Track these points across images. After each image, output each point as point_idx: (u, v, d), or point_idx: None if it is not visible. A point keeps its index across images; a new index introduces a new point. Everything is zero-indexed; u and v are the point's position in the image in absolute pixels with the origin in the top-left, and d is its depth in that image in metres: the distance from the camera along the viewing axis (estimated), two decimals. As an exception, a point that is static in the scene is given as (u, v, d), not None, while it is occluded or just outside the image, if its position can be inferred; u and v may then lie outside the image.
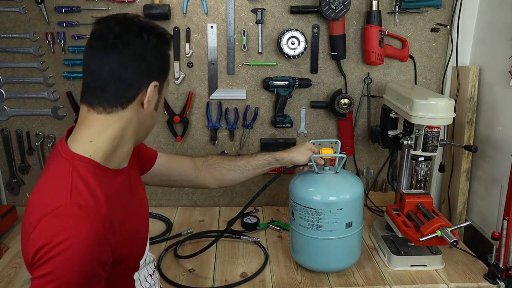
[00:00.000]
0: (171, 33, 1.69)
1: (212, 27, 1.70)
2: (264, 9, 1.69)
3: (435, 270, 1.41)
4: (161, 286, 1.19)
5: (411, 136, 1.44)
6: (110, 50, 0.85)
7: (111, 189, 0.87)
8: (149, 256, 1.06)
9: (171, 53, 0.96)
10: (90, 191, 0.81)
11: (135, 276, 0.98)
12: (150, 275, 1.06)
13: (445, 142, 1.45)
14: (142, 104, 0.89)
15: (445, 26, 1.73)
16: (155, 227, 1.70)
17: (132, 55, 0.86)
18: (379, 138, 1.67)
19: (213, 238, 1.46)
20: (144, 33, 0.87)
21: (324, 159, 1.35)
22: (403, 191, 1.47)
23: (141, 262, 0.98)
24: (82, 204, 0.79)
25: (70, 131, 0.92)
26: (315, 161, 1.33)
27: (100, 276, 0.79)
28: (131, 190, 0.98)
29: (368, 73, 1.79)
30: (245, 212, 1.52)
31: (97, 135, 0.87)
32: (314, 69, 1.76)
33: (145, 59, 0.87)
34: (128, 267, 0.94)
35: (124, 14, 0.90)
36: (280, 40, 1.67)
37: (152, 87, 0.89)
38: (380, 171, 1.91)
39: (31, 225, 0.77)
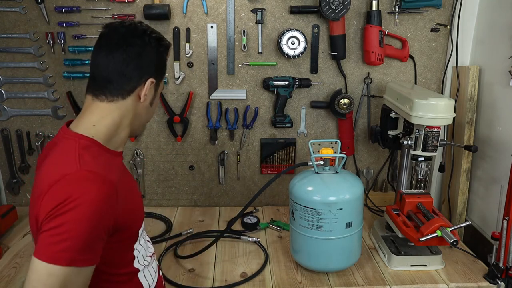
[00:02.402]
0: (171, 33, 1.70)
1: (212, 27, 1.70)
2: (264, 9, 1.69)
3: (435, 270, 1.41)
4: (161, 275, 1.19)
5: (411, 136, 1.44)
6: (115, 48, 0.97)
7: (112, 165, 0.97)
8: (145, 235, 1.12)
9: (167, 58, 1.09)
10: (96, 162, 0.91)
11: (135, 252, 1.04)
12: (150, 256, 1.11)
13: (445, 142, 1.45)
14: (139, 97, 1.01)
15: (445, 26, 1.73)
16: (156, 227, 1.70)
17: (134, 53, 0.98)
18: (379, 138, 1.67)
19: (213, 238, 1.46)
20: (146, 36, 1.00)
21: (324, 159, 1.35)
22: (403, 191, 1.47)
23: (140, 231, 1.06)
24: (90, 170, 0.88)
25: (68, 123, 1.01)
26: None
27: (101, 238, 0.87)
28: (126, 170, 1.08)
29: (368, 73, 1.79)
30: (245, 212, 1.52)
31: (99, 120, 0.97)
32: (314, 69, 1.76)
33: (145, 58, 0.99)
34: (128, 235, 1.01)
35: (130, 21, 1.04)
36: (280, 40, 1.67)
37: (149, 83, 1.00)
38: (380, 171, 1.91)
39: (43, 191, 0.85)
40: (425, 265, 1.41)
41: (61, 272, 0.81)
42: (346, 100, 1.73)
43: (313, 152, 1.36)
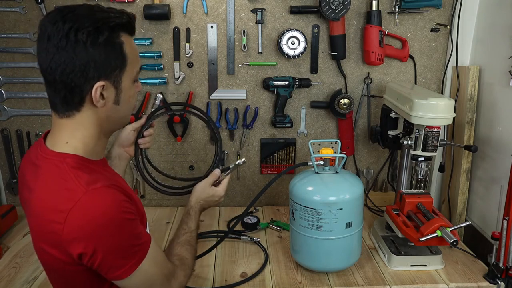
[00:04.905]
0: (171, 33, 1.70)
1: (212, 27, 1.70)
2: (264, 9, 1.69)
3: (435, 270, 1.41)
4: None
5: (411, 136, 1.44)
6: (45, 55, 0.85)
7: (106, 174, 0.93)
8: None
9: (124, 38, 0.88)
10: (92, 177, 0.86)
11: None
12: None
13: (445, 142, 1.45)
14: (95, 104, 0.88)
15: (445, 26, 1.73)
16: (155, 227, 1.70)
17: (63, 59, 0.83)
18: (379, 138, 1.67)
19: (213, 238, 1.46)
20: (72, 34, 0.82)
21: (324, 159, 1.35)
22: (403, 191, 1.47)
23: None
24: (96, 187, 0.84)
25: (45, 136, 0.96)
26: None
27: (134, 220, 0.89)
28: (113, 172, 1.02)
29: (368, 73, 1.79)
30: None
31: (69, 137, 0.90)
32: (314, 69, 1.76)
33: (78, 61, 0.83)
34: None
35: (60, 9, 0.85)
36: (280, 40, 1.67)
37: (97, 88, 0.86)
38: (380, 171, 1.91)
39: (58, 223, 0.82)
40: (425, 265, 1.41)
41: (146, 264, 0.90)
42: (346, 100, 1.73)
43: (313, 152, 1.36)
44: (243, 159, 1.27)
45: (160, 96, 1.37)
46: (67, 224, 0.81)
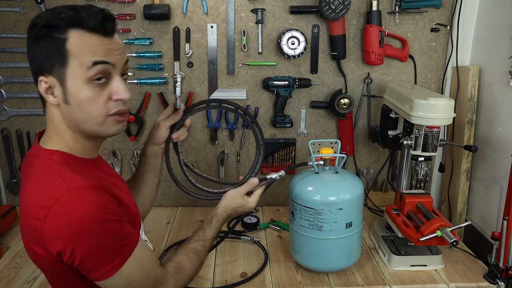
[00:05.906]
0: (171, 33, 1.70)
1: (212, 27, 1.70)
2: (264, 9, 1.69)
3: (435, 270, 1.41)
4: None
5: (411, 136, 1.44)
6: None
7: (93, 173, 0.92)
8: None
9: (72, 34, 0.84)
10: (78, 175, 0.87)
11: None
12: None
13: (445, 142, 1.45)
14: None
15: (445, 26, 1.73)
16: (156, 226, 1.70)
17: (27, 53, 0.90)
18: (379, 138, 1.67)
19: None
20: (29, 30, 0.87)
21: (324, 159, 1.35)
22: (403, 191, 1.47)
23: (140, 231, 1.03)
24: (79, 186, 0.84)
25: (40, 135, 0.97)
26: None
27: (119, 221, 0.87)
28: (108, 173, 1.02)
29: (368, 73, 1.79)
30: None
31: (52, 132, 0.93)
32: (314, 69, 1.76)
33: (30, 55, 0.89)
34: None
35: (41, 13, 0.89)
36: (280, 40, 1.67)
37: (39, 83, 0.88)
38: (380, 171, 1.91)
39: (39, 219, 0.82)
40: (425, 265, 1.41)
41: (129, 266, 0.87)
42: (346, 100, 1.73)
43: (313, 152, 1.36)
44: (281, 173, 1.26)
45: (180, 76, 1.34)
46: (47, 221, 0.81)
